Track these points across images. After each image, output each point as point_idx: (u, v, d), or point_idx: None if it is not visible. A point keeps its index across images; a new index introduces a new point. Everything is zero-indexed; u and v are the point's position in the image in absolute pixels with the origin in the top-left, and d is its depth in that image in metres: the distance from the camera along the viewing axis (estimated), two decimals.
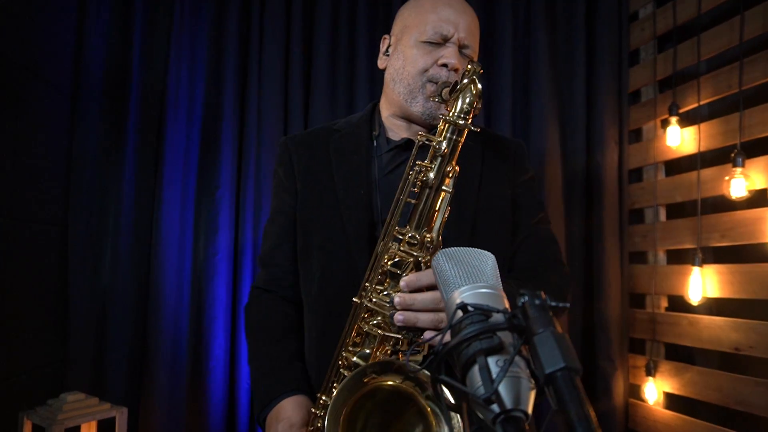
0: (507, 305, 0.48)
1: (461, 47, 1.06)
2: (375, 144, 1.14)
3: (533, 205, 1.16)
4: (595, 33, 2.21)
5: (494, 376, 0.39)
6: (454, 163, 0.89)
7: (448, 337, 0.80)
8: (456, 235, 1.02)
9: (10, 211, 1.67)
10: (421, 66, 1.05)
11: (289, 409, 0.97)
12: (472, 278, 0.49)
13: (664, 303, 2.02)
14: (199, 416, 1.95)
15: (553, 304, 0.39)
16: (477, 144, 1.13)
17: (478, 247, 1.02)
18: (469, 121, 0.88)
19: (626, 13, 2.22)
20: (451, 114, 0.89)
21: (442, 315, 0.83)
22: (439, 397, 0.43)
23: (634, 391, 2.09)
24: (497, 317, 0.43)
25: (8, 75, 1.66)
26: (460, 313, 0.44)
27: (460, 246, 0.99)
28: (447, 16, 1.05)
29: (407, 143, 1.10)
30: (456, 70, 1.03)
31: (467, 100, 0.88)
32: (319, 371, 1.03)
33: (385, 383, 0.84)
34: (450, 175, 0.88)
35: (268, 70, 2.10)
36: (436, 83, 1.02)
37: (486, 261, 0.52)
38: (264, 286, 1.17)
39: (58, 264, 1.92)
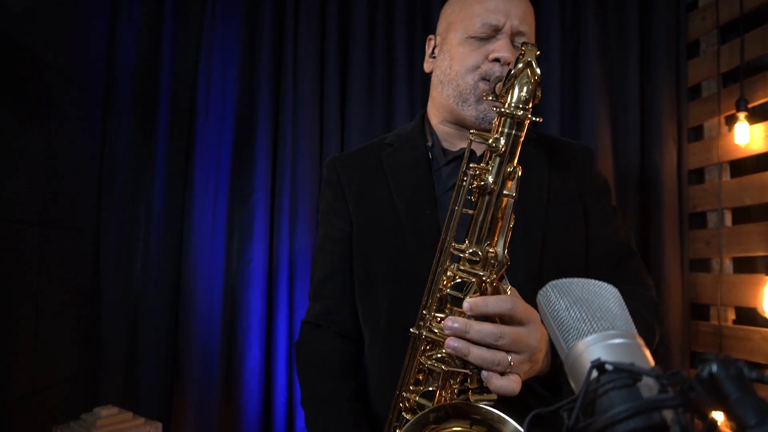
0: (649, 357, 0.37)
1: (514, 37, 0.93)
2: (431, 156, 1.02)
3: (606, 213, 1.02)
4: (650, 23, 2.06)
5: None
6: (515, 162, 0.74)
7: (510, 384, 0.68)
8: (525, 253, 0.90)
9: (43, 218, 1.62)
10: (470, 63, 0.94)
11: None
12: (599, 322, 0.38)
13: (732, 315, 1.86)
14: (233, 431, 1.88)
15: (754, 376, 0.28)
16: (541, 152, 1.01)
17: (549, 266, 0.90)
18: (529, 111, 0.74)
19: (684, 2, 2.07)
20: (506, 105, 0.74)
21: (501, 356, 0.69)
22: None
23: None
24: (650, 383, 0.32)
25: (42, 79, 1.62)
26: (595, 373, 0.33)
27: (529, 269, 0.88)
28: (495, 5, 0.93)
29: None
30: (510, 64, 0.90)
31: (525, 88, 0.74)
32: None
33: (451, 429, 0.73)
34: (512, 176, 0.74)
35: (303, 73, 2.02)
36: (489, 80, 0.91)
37: (608, 297, 0.41)
38: (315, 321, 1.06)
39: (90, 271, 1.88)
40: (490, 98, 0.85)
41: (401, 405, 0.81)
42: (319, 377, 1.00)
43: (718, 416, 0.31)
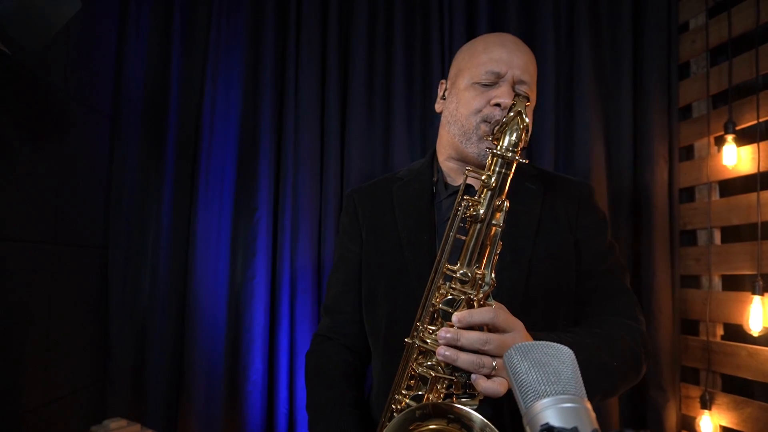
0: (593, 419, 0.43)
1: (515, 85, 1.03)
2: (435, 190, 1.13)
3: (600, 250, 1.10)
4: (642, 44, 2.11)
5: None
6: (503, 197, 0.85)
7: (493, 385, 0.76)
8: (511, 281, 0.99)
9: (54, 236, 1.69)
10: (474, 107, 1.05)
11: None
12: (554, 384, 0.44)
13: (720, 331, 1.91)
14: None
15: None
16: (538, 187, 1.10)
17: (533, 294, 0.99)
18: (518, 154, 0.84)
19: (675, 24, 2.12)
20: (498, 147, 0.85)
21: (486, 359, 0.79)
22: None
23: (688, 423, 1.99)
24: None
25: (52, 102, 1.69)
26: None
27: (515, 292, 0.97)
28: (499, 56, 1.04)
29: (465, 189, 1.07)
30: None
31: (515, 134, 0.84)
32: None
33: (430, 427, 0.80)
34: (500, 209, 0.85)
35: (304, 91, 2.08)
36: (490, 123, 1.01)
37: (564, 361, 0.47)
38: (327, 334, 1.19)
39: (98, 287, 1.95)
40: (490, 139, 0.95)
41: (393, 407, 0.90)
42: (324, 385, 1.10)
43: None
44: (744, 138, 1.85)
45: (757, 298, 1.71)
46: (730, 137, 1.84)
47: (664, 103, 2.08)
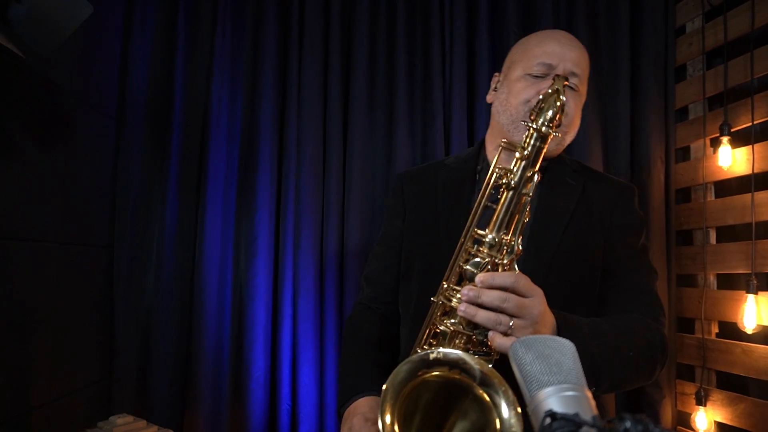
0: (593, 406, 0.46)
1: (568, 77, 1.06)
2: (478, 178, 1.18)
3: (630, 250, 1.13)
4: (639, 47, 2.15)
5: None
6: (536, 168, 0.89)
7: (506, 342, 0.79)
8: (532, 270, 0.99)
9: (59, 235, 1.72)
10: (524, 97, 1.09)
11: (366, 406, 1.02)
12: (556, 374, 0.48)
13: (715, 329, 1.95)
14: None
15: (657, 430, 0.37)
16: (578, 183, 1.13)
17: (551, 287, 1.01)
18: (553, 129, 0.88)
19: (672, 27, 2.16)
20: (534, 122, 0.89)
21: (503, 317, 0.83)
22: None
23: (683, 419, 2.03)
24: (587, 429, 0.42)
25: (57, 103, 1.72)
26: (548, 421, 0.43)
27: (536, 280, 0.99)
28: (552, 49, 1.08)
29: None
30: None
31: (551, 111, 0.88)
32: None
33: (436, 375, 0.81)
34: (531, 179, 0.88)
35: (307, 92, 2.11)
36: None
37: (566, 353, 0.51)
38: (367, 303, 1.28)
39: (103, 286, 1.98)
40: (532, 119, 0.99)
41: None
42: (356, 345, 1.20)
43: None
44: (739, 140, 1.88)
45: (751, 297, 1.74)
46: (725, 139, 1.87)
47: (661, 105, 2.12)
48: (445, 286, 0.92)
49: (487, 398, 0.76)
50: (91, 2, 1.36)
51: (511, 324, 0.82)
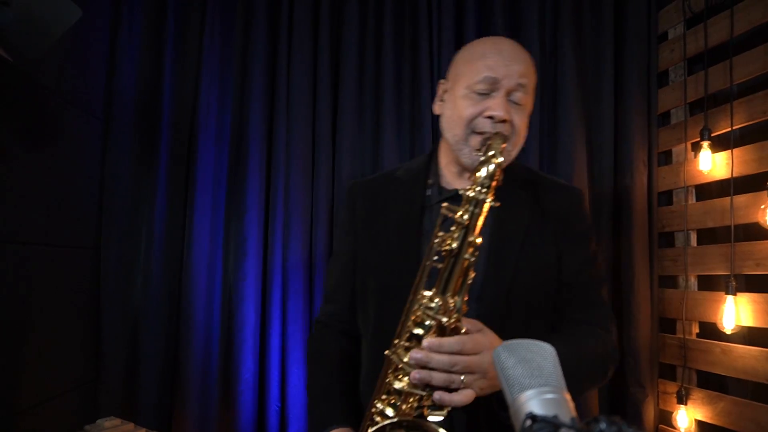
0: (572, 408, 0.48)
1: (511, 93, 1.05)
2: (429, 193, 1.16)
3: (582, 261, 1.13)
4: (623, 52, 2.19)
5: None
6: (476, 233, 0.89)
7: (459, 397, 0.84)
8: (492, 293, 1.03)
9: (44, 236, 1.71)
10: (467, 116, 1.06)
11: None
12: (537, 378, 0.50)
13: (695, 329, 2.00)
14: None
15: (629, 430, 0.39)
16: (528, 193, 1.12)
17: (514, 305, 1.05)
18: (490, 195, 0.88)
19: (655, 33, 2.20)
20: (473, 188, 0.89)
21: (455, 377, 0.87)
22: None
23: (665, 418, 2.07)
24: (565, 431, 0.44)
25: (44, 103, 1.71)
26: (528, 422, 0.45)
27: (496, 302, 1.03)
28: (495, 63, 1.04)
29: (456, 194, 1.11)
30: (504, 121, 1.03)
31: (490, 173, 0.89)
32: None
33: None
34: (473, 244, 0.89)
35: (296, 94, 2.13)
36: (481, 134, 1.04)
37: (546, 357, 0.53)
38: (326, 321, 1.28)
39: (90, 288, 1.97)
40: (480, 154, 0.98)
41: (373, 410, 0.97)
42: (322, 371, 1.20)
43: None
44: (719, 144, 1.93)
45: (730, 298, 1.79)
46: (705, 143, 1.92)
47: (644, 110, 2.16)
48: (397, 342, 0.94)
49: None
50: (78, 2, 1.36)
51: (462, 379, 0.87)
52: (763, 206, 1.68)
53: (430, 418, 0.89)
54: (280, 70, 2.15)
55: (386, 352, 0.94)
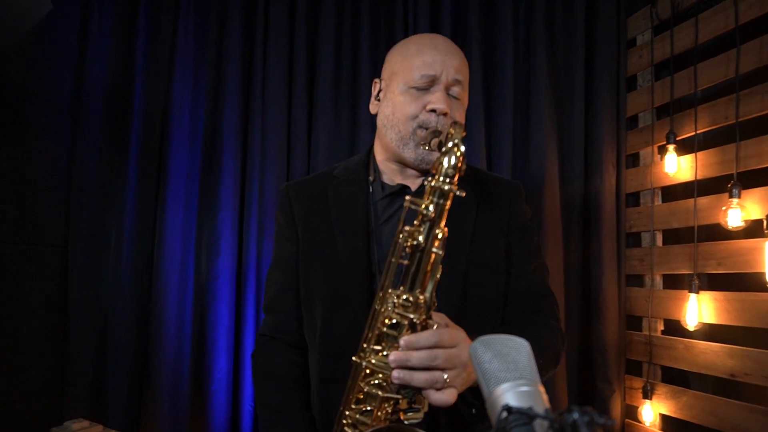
0: (546, 400, 0.50)
1: (449, 88, 1.07)
2: (371, 190, 1.15)
3: (527, 252, 1.16)
4: (594, 57, 2.25)
5: None
6: (442, 225, 0.88)
7: (445, 396, 0.83)
8: (448, 289, 1.02)
9: (9, 234, 1.66)
10: (410, 112, 1.06)
11: None
12: (512, 372, 0.51)
13: (660, 326, 2.06)
14: None
15: (602, 421, 0.41)
16: (470, 189, 1.11)
17: (469, 302, 1.06)
18: (455, 185, 0.88)
19: (624, 39, 2.27)
20: (436, 179, 0.88)
21: (437, 375, 0.84)
22: None
23: (631, 413, 2.13)
24: (539, 422, 0.45)
25: (9, 96, 1.66)
26: (504, 414, 0.46)
27: (451, 301, 1.03)
28: (431, 59, 1.06)
29: (401, 189, 1.12)
30: (445, 114, 1.04)
31: (452, 163, 0.87)
32: (323, 415, 1.06)
33: None
34: (439, 237, 0.87)
35: (272, 92, 2.11)
36: (427, 129, 1.04)
37: (521, 351, 0.54)
38: (270, 333, 1.20)
39: (58, 287, 1.92)
40: (426, 148, 1.01)
41: (344, 421, 0.94)
42: (273, 387, 1.13)
43: None
44: (684, 148, 2.00)
45: (693, 296, 1.86)
46: (671, 147, 1.99)
47: (613, 113, 2.23)
48: (365, 347, 0.91)
49: None
50: None
51: (446, 377, 0.84)
52: (724, 208, 1.75)
53: (408, 422, 0.88)
54: (256, 66, 2.13)
55: (354, 358, 0.92)
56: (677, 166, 1.99)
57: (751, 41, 1.76)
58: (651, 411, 2.01)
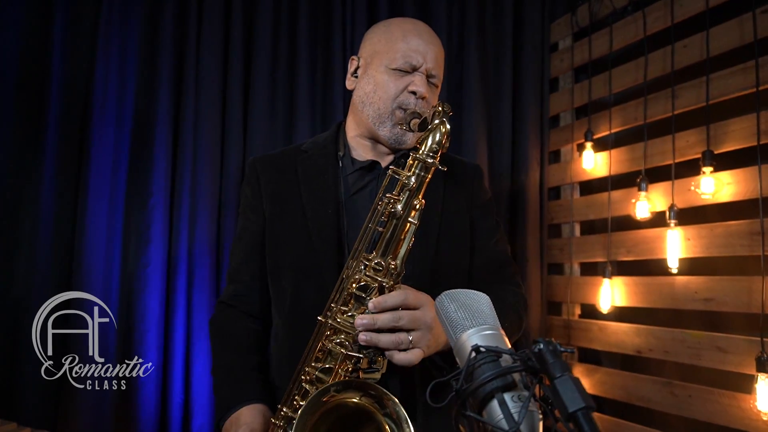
0: (508, 343, 0.55)
1: (429, 76, 1.11)
2: (341, 165, 1.17)
3: (490, 227, 1.22)
4: (521, 59, 2.38)
5: (512, 410, 0.46)
6: (420, 197, 0.93)
7: (408, 356, 0.89)
8: (421, 256, 1.07)
9: None
10: (392, 92, 1.09)
11: (249, 416, 1.02)
12: (476, 320, 0.56)
13: (578, 310, 2.23)
14: None
15: (563, 349, 0.46)
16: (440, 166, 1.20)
17: (440, 268, 1.11)
18: (437, 159, 0.93)
19: (548, 44, 2.43)
20: (421, 151, 0.93)
21: (403, 336, 0.89)
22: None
23: None
24: (507, 358, 0.50)
25: None
26: (473, 354, 0.50)
27: (423, 271, 1.09)
28: (416, 46, 1.10)
29: (371, 164, 1.15)
30: (424, 98, 1.08)
31: (437, 139, 0.93)
32: (284, 377, 1.07)
33: (347, 400, 0.90)
34: (417, 207, 0.93)
35: (205, 78, 2.06)
36: (405, 110, 1.08)
37: (483, 303, 0.59)
38: (228, 301, 1.22)
39: None
40: (404, 128, 1.04)
41: (302, 377, 0.97)
42: (228, 350, 1.16)
43: None
44: (600, 146, 2.17)
45: (606, 281, 2.03)
46: (588, 144, 2.16)
47: (538, 113, 2.38)
48: (333, 306, 0.95)
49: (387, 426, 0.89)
50: None
51: (410, 338, 0.89)
52: (633, 200, 1.93)
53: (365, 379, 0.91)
54: (189, 51, 2.06)
55: (319, 317, 0.95)
56: (594, 163, 2.16)
57: (657, 50, 1.96)
58: None
